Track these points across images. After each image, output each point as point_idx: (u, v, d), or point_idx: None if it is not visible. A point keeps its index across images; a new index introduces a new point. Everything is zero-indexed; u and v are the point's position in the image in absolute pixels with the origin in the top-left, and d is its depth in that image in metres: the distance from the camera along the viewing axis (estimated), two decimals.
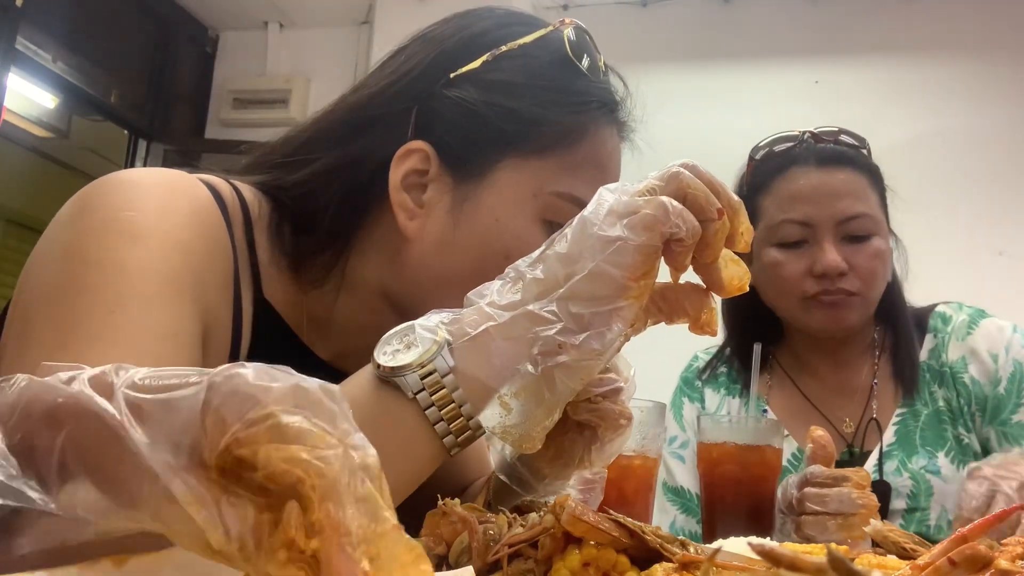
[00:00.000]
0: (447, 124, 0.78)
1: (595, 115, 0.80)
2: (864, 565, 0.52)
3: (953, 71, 3.18)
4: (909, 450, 1.30)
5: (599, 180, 0.78)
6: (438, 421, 0.58)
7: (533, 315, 0.59)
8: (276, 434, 0.29)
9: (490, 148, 0.77)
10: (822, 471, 0.99)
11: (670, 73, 3.44)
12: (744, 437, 0.98)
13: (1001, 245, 3.02)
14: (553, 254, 0.60)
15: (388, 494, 0.30)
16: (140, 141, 3.91)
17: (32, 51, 3.23)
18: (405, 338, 0.60)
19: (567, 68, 0.80)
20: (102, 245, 0.66)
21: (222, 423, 0.29)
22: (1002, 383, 1.29)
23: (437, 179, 0.77)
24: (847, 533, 0.94)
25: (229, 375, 0.30)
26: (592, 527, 0.51)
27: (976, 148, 3.11)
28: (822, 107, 3.06)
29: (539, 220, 0.77)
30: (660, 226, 0.58)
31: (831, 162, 1.33)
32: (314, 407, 0.30)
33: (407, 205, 0.77)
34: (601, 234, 0.59)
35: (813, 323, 1.34)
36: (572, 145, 0.79)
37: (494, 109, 0.77)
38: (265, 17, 3.97)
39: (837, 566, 0.28)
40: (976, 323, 1.35)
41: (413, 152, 0.77)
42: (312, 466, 0.28)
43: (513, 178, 0.77)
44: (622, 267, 0.58)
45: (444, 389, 0.58)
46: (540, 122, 0.78)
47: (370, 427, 0.58)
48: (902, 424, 1.33)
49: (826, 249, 1.29)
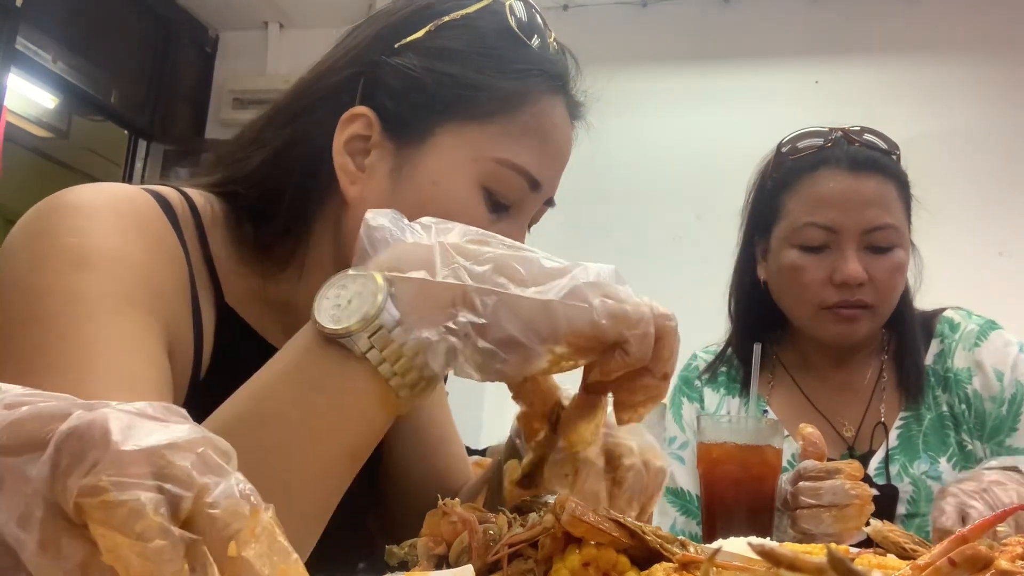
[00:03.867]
0: (389, 91, 0.78)
1: (536, 83, 0.80)
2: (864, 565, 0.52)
3: (953, 71, 3.18)
4: (911, 455, 1.30)
5: (543, 151, 0.80)
6: (392, 376, 0.56)
7: (467, 294, 0.56)
8: (104, 514, 0.28)
9: (430, 113, 0.78)
10: (815, 465, 1.00)
11: (670, 73, 3.45)
12: (744, 437, 0.98)
13: (1001, 245, 3.02)
14: (534, 258, 0.59)
15: (259, 530, 0.30)
16: (140, 141, 3.91)
17: (32, 51, 3.23)
18: (346, 287, 0.58)
19: (508, 37, 0.81)
20: (51, 274, 0.65)
21: (66, 488, 0.28)
22: (1004, 404, 1.28)
23: (379, 145, 0.78)
24: (842, 524, 0.95)
25: (75, 432, 0.29)
26: (592, 527, 0.51)
27: (976, 148, 3.11)
28: (822, 107, 3.06)
29: (479, 186, 0.77)
30: (625, 326, 0.57)
31: (862, 167, 1.30)
32: (171, 468, 0.29)
33: (348, 169, 0.78)
34: (577, 287, 0.57)
35: (825, 333, 1.32)
36: (512, 112, 0.78)
37: (434, 75, 0.78)
38: (265, 17, 3.97)
39: (837, 566, 0.28)
40: (985, 335, 1.33)
41: (356, 117, 0.78)
42: (131, 563, 0.27)
43: (453, 143, 0.77)
44: (571, 323, 0.56)
45: (394, 343, 0.56)
46: (479, 87, 0.78)
47: (319, 392, 0.57)
48: (905, 428, 1.32)
49: (848, 258, 1.27)
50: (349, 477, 0.60)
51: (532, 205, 0.82)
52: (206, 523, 0.29)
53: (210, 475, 0.30)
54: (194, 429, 0.31)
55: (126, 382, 0.62)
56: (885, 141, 1.35)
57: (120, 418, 0.29)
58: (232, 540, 0.29)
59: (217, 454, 0.31)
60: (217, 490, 0.29)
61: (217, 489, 0.29)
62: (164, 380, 0.67)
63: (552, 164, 0.82)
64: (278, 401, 0.57)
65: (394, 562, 0.65)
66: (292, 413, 0.56)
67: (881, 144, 1.35)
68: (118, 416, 0.29)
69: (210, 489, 0.29)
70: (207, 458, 0.30)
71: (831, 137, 1.34)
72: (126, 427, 0.29)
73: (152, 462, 0.29)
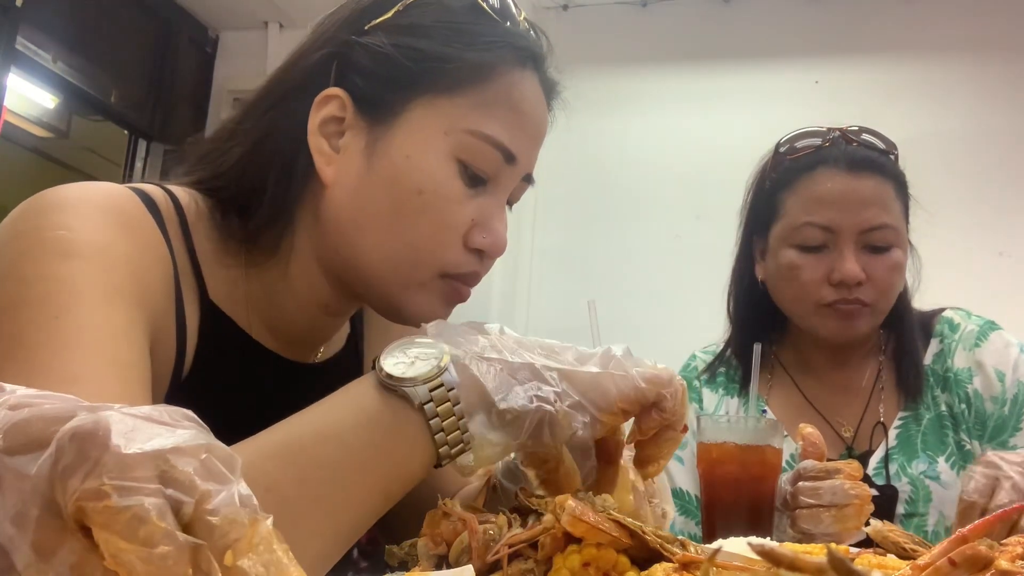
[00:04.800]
0: (360, 70, 0.79)
1: (505, 55, 0.81)
2: (864, 565, 0.52)
3: (953, 71, 3.18)
4: (910, 454, 1.30)
5: (515, 123, 0.80)
6: (438, 431, 0.62)
7: (536, 371, 0.65)
8: (108, 519, 0.27)
9: (400, 89, 0.78)
10: (814, 465, 1.00)
11: (670, 73, 3.44)
12: (744, 437, 0.98)
13: (1001, 245, 3.02)
14: (570, 346, 0.70)
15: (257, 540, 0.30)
16: (140, 141, 3.91)
17: (32, 51, 3.23)
18: (408, 351, 0.64)
19: (476, 12, 0.82)
20: (39, 263, 0.65)
21: (66, 489, 0.28)
22: (1006, 404, 1.29)
23: (353, 124, 0.79)
24: (842, 525, 0.95)
25: (79, 433, 0.29)
26: (592, 527, 0.51)
27: (976, 148, 3.10)
28: (822, 107, 3.06)
29: (452, 159, 0.78)
30: (660, 386, 0.69)
31: (860, 167, 1.30)
32: (173, 472, 0.29)
33: (324, 150, 0.79)
34: (616, 360, 0.69)
35: (823, 330, 1.33)
36: (481, 84, 0.79)
37: (402, 51, 0.78)
38: (265, 17, 3.97)
39: (837, 566, 0.28)
40: (985, 336, 1.34)
41: (329, 99, 0.79)
42: (136, 569, 0.27)
43: (424, 117, 0.78)
44: (619, 389, 0.67)
45: (448, 402, 0.62)
46: (447, 59, 0.78)
47: (375, 432, 0.62)
48: (904, 428, 1.33)
49: (846, 257, 1.27)
50: (377, 515, 0.64)
51: (509, 180, 0.82)
52: (205, 530, 0.29)
53: (212, 482, 0.29)
54: (199, 434, 0.31)
55: (115, 367, 0.62)
56: (883, 141, 1.36)
57: (124, 420, 0.29)
58: (229, 549, 0.29)
59: (220, 461, 0.30)
60: (218, 498, 0.29)
61: (218, 497, 0.29)
62: (148, 371, 0.68)
63: (526, 137, 0.82)
64: (339, 426, 0.62)
65: (394, 562, 0.65)
66: (351, 439, 0.61)
67: (879, 144, 1.35)
68: (121, 419, 0.29)
69: (211, 496, 0.29)
70: (210, 464, 0.30)
71: (829, 137, 1.35)
72: (130, 430, 0.29)
73: (155, 465, 0.29)
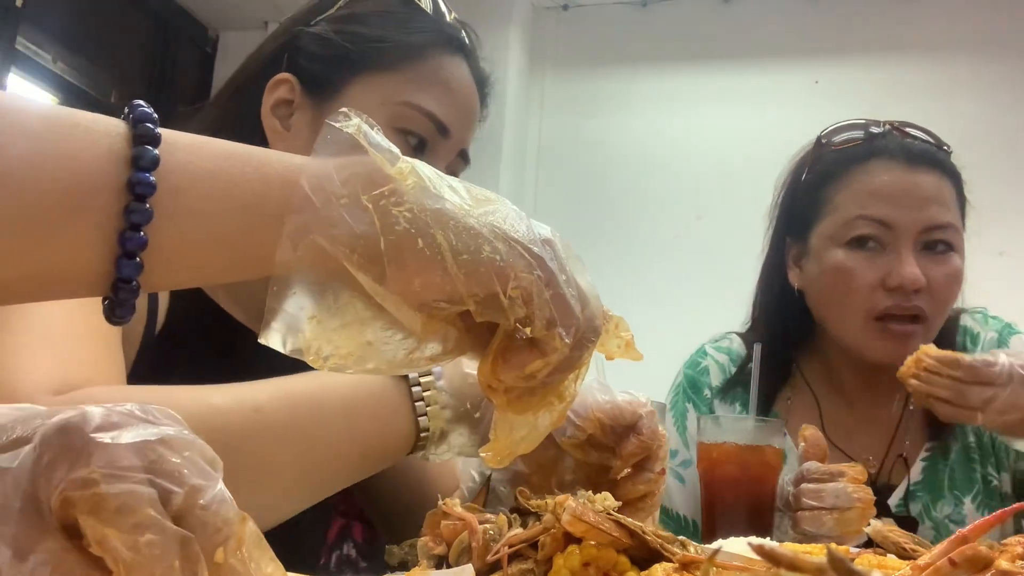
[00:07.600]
0: (307, 55, 0.89)
1: (434, 39, 0.91)
2: (864, 565, 0.52)
3: (953, 71, 3.18)
4: (935, 494, 1.21)
5: (446, 99, 0.89)
6: (422, 415, 0.69)
7: None
8: (95, 506, 0.27)
9: (342, 69, 0.88)
10: (817, 467, 0.98)
11: (670, 73, 3.44)
12: (744, 437, 0.98)
13: (1001, 245, 3.01)
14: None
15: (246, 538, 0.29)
16: None
17: (32, 51, 3.23)
18: None
19: (410, 5, 0.92)
20: None
21: (50, 481, 0.27)
22: None
23: (301, 104, 0.88)
24: (844, 528, 0.94)
25: (64, 426, 0.28)
26: (592, 527, 0.51)
27: (976, 148, 3.10)
28: (822, 107, 3.05)
29: (391, 128, 0.86)
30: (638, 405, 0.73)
31: (920, 161, 1.18)
32: (162, 462, 0.28)
33: (276, 128, 0.88)
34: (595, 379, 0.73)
35: (871, 351, 1.18)
36: (414, 63, 0.89)
37: (343, 36, 0.89)
38: (265, 17, 3.96)
39: (837, 566, 0.28)
40: (1006, 342, 1.25)
41: (280, 83, 0.89)
42: (121, 556, 0.27)
43: (363, 92, 0.88)
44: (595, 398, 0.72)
45: (433, 390, 0.69)
46: (383, 40, 0.88)
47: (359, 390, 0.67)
48: (931, 463, 1.23)
49: (905, 259, 1.13)
50: (351, 478, 0.69)
51: (444, 151, 0.91)
52: (196, 524, 0.28)
53: (199, 477, 0.29)
54: (183, 432, 0.30)
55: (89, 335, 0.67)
56: (935, 139, 1.25)
57: (109, 415, 0.29)
58: (220, 546, 0.29)
59: (204, 459, 0.30)
60: (209, 493, 0.29)
61: (209, 492, 0.29)
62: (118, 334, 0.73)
63: (458, 113, 0.90)
64: (336, 380, 0.67)
65: (394, 562, 0.65)
66: (346, 392, 0.67)
67: (935, 140, 1.25)
68: (105, 413, 0.29)
69: (202, 491, 0.29)
70: (195, 461, 0.30)
71: (880, 128, 1.24)
72: (115, 423, 0.29)
73: (143, 456, 0.28)
